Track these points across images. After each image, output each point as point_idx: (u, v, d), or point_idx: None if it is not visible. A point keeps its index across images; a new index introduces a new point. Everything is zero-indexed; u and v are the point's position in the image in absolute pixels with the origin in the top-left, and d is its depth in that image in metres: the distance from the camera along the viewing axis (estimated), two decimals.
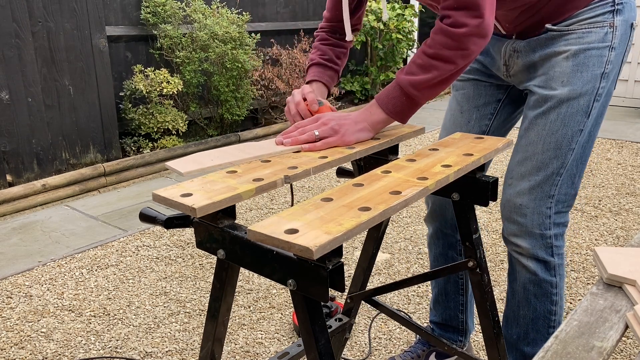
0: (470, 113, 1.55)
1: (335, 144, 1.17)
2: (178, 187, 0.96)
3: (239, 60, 4.07)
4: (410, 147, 4.39)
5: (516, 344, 1.52)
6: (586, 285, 2.29)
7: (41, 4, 3.26)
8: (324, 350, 0.89)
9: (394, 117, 1.20)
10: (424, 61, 1.15)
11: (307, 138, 1.17)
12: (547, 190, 1.35)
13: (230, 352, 1.91)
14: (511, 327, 1.53)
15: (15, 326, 2.09)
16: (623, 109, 5.56)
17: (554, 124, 1.33)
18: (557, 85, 1.32)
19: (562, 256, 1.44)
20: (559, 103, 1.32)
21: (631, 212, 3.02)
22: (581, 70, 1.30)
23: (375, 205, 0.86)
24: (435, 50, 1.14)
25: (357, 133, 1.19)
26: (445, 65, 1.13)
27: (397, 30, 5.48)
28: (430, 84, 1.15)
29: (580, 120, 1.32)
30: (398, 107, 1.18)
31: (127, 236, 2.83)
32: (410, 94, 1.16)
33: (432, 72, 1.14)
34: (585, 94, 1.31)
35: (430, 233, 1.68)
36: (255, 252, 0.88)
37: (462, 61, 1.14)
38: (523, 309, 1.48)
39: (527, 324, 1.49)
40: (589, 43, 1.30)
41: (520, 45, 1.38)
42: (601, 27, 1.29)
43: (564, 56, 1.31)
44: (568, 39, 1.31)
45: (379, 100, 1.20)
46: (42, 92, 3.36)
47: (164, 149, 3.89)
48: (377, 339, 1.98)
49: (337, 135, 1.18)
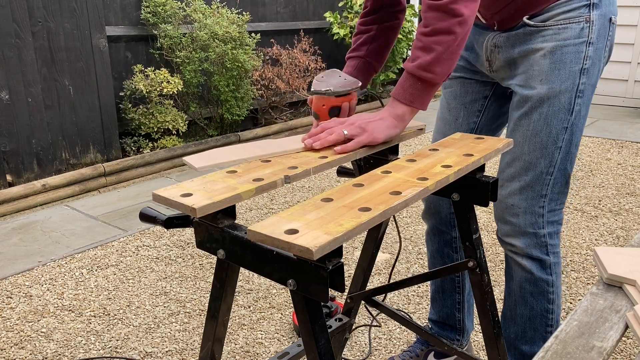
0: (457, 111, 1.56)
1: (366, 142, 1.13)
2: (178, 187, 0.95)
3: (239, 60, 4.07)
4: (410, 147, 4.39)
5: (514, 342, 1.53)
6: (586, 285, 2.29)
7: (41, 4, 3.26)
8: (324, 350, 0.89)
9: (414, 105, 1.17)
10: (424, 42, 1.12)
11: (336, 138, 1.13)
12: (539, 189, 1.36)
13: (230, 352, 1.91)
14: (509, 325, 1.53)
15: (15, 326, 2.09)
16: (623, 109, 5.56)
17: (537, 124, 1.33)
18: (536, 84, 1.32)
19: (558, 254, 1.44)
20: (539, 102, 1.32)
21: (631, 212, 3.01)
22: (559, 68, 1.30)
23: (375, 206, 0.86)
24: (430, 27, 1.11)
25: (385, 130, 1.16)
26: (446, 37, 1.10)
27: None
28: (439, 61, 1.12)
29: (563, 117, 1.32)
30: (415, 94, 1.16)
31: (127, 236, 2.83)
32: (423, 77, 1.14)
33: (436, 49, 1.11)
34: (565, 92, 1.30)
35: (427, 230, 1.69)
36: (255, 252, 0.88)
37: (461, 28, 1.11)
38: (520, 308, 1.49)
39: (525, 323, 1.49)
40: (565, 39, 1.29)
41: (500, 41, 1.38)
42: (577, 22, 1.29)
43: (541, 54, 1.31)
44: (544, 36, 1.31)
45: (395, 95, 1.18)
46: (42, 92, 3.36)
47: (164, 149, 3.89)
48: (377, 339, 1.98)
49: (367, 132, 1.14)
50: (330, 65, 5.23)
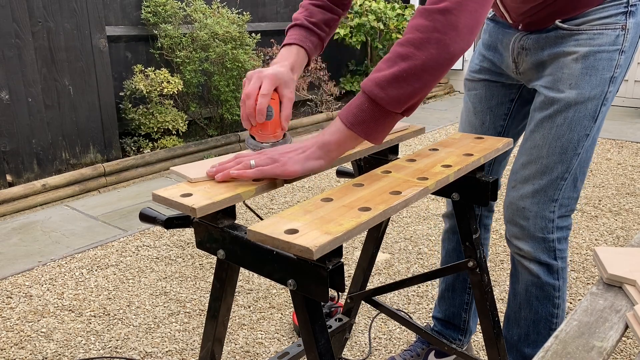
0: (484, 114, 1.52)
1: (271, 173, 0.95)
2: (178, 187, 0.95)
3: (239, 60, 4.07)
4: (410, 147, 4.39)
5: (517, 344, 1.52)
6: (586, 285, 2.29)
7: (41, 4, 3.26)
8: (324, 350, 0.89)
9: (357, 132, 0.94)
10: (393, 52, 0.93)
11: (242, 168, 0.97)
12: (551, 194, 1.33)
13: (230, 352, 1.91)
14: (512, 327, 1.52)
15: (15, 326, 2.09)
16: (623, 109, 5.55)
17: (561, 128, 1.29)
18: (564, 88, 1.28)
19: (565, 259, 1.42)
20: (566, 107, 1.28)
21: (631, 212, 3.01)
22: (590, 74, 1.26)
23: (375, 206, 0.86)
24: (407, 35, 0.92)
25: (303, 162, 0.96)
26: (416, 52, 0.90)
27: (397, 30, 5.48)
28: (397, 80, 0.91)
29: (587, 125, 1.29)
30: (359, 117, 0.94)
31: (127, 236, 2.83)
32: (373, 97, 0.92)
33: (399, 63, 0.91)
34: (593, 99, 1.27)
35: (446, 228, 1.69)
36: (255, 252, 0.88)
37: (436, 50, 0.90)
38: (524, 311, 1.47)
39: (529, 326, 1.48)
40: (600, 45, 1.25)
41: (528, 43, 1.34)
42: (613, 29, 1.25)
43: (573, 57, 1.27)
44: (578, 40, 1.26)
45: (341, 112, 0.97)
46: (42, 92, 3.36)
47: (164, 149, 3.89)
48: (377, 339, 1.98)
49: (277, 163, 0.95)
50: (330, 64, 5.22)
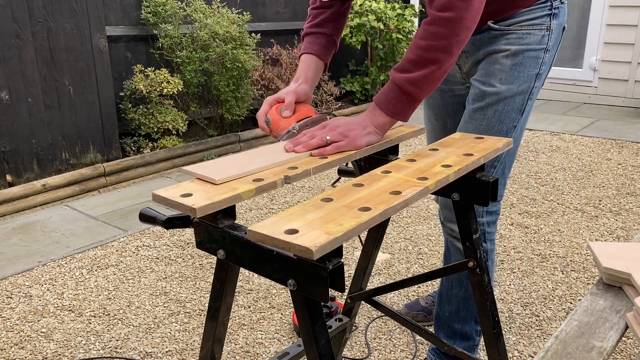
0: (444, 119, 1.66)
1: (346, 148, 1.15)
2: (178, 187, 0.95)
3: (239, 60, 4.07)
4: (410, 147, 4.39)
5: (447, 321, 1.65)
6: (586, 285, 2.29)
7: (41, 4, 3.26)
8: (324, 351, 0.89)
9: (396, 118, 1.19)
10: (419, 56, 1.13)
11: (318, 142, 1.14)
12: None
13: (230, 352, 1.91)
14: (444, 304, 1.65)
15: (15, 326, 2.09)
16: (623, 109, 5.55)
17: (491, 120, 1.41)
18: (495, 82, 1.40)
19: (494, 242, 1.57)
20: (497, 100, 1.40)
21: (631, 212, 3.01)
22: (519, 70, 1.38)
23: (375, 206, 0.86)
24: (429, 41, 1.12)
25: (366, 137, 1.17)
26: (443, 56, 1.12)
27: (397, 30, 5.48)
28: (427, 79, 1.14)
29: (514, 117, 1.41)
30: (398, 107, 1.17)
31: (127, 236, 2.83)
32: (409, 91, 1.15)
33: (430, 66, 1.12)
34: (521, 93, 1.39)
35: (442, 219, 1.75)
36: (255, 253, 0.88)
37: (457, 49, 1.13)
38: (456, 288, 1.61)
39: (459, 303, 1.61)
40: (528, 44, 1.38)
41: (467, 46, 1.45)
42: (539, 29, 1.38)
43: (504, 54, 1.39)
44: (509, 39, 1.39)
45: (378, 103, 1.19)
46: (42, 92, 3.36)
47: (164, 149, 3.89)
48: (377, 339, 1.98)
49: (347, 139, 1.15)
50: (330, 65, 5.22)
